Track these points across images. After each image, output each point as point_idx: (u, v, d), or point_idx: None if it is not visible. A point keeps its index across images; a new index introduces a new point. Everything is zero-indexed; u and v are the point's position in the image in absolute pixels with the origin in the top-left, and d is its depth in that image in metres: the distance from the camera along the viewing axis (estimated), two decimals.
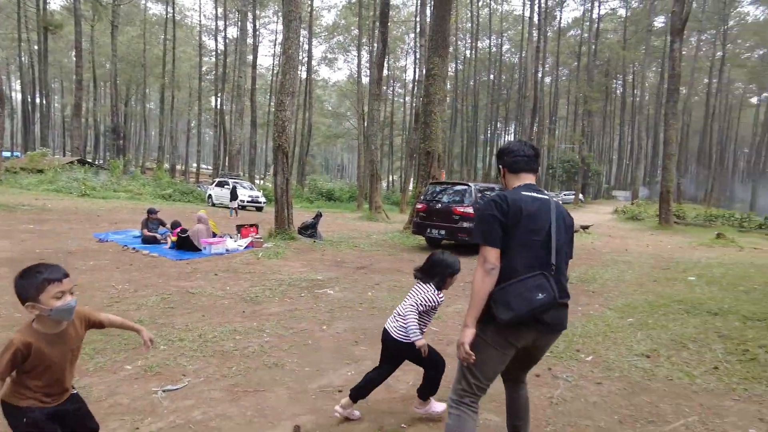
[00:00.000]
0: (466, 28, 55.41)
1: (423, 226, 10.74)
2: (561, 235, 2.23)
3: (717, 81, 54.83)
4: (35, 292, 1.90)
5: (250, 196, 23.96)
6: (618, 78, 62.46)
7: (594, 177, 56.25)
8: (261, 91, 58.56)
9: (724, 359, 4.29)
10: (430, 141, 13.74)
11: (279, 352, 4.11)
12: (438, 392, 3.17)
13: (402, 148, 56.29)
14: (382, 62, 23.42)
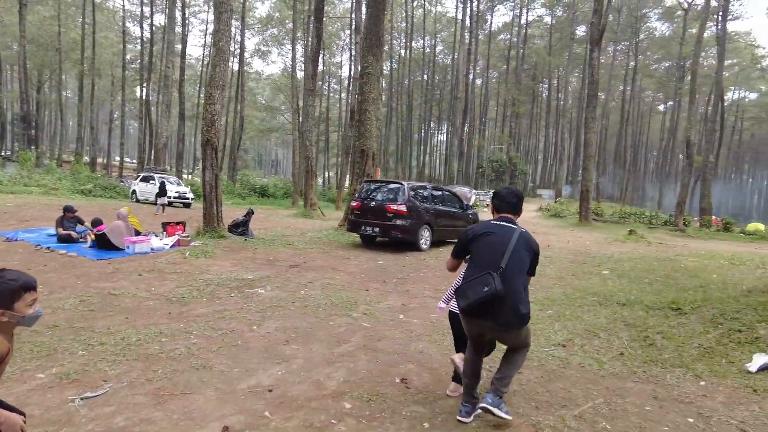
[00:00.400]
0: (401, 28, 56.08)
1: (358, 223, 10.82)
2: (519, 255, 2.95)
3: (630, 89, 59.28)
4: (10, 300, 1.87)
5: (178, 192, 22.96)
6: (544, 82, 65.78)
7: (520, 176, 58.86)
8: (190, 82, 56.12)
9: (628, 346, 4.71)
10: (365, 139, 13.83)
11: (207, 354, 4.03)
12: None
13: (338, 145, 56.14)
14: (316, 57, 23.19)
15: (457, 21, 51.96)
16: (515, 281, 2.89)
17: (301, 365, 3.92)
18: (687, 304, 5.70)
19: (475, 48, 49.88)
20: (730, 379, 3.96)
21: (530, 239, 3.05)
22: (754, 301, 5.34)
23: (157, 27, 43.41)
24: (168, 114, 31.20)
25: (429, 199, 11.34)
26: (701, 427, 3.15)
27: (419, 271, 8.44)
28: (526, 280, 3.05)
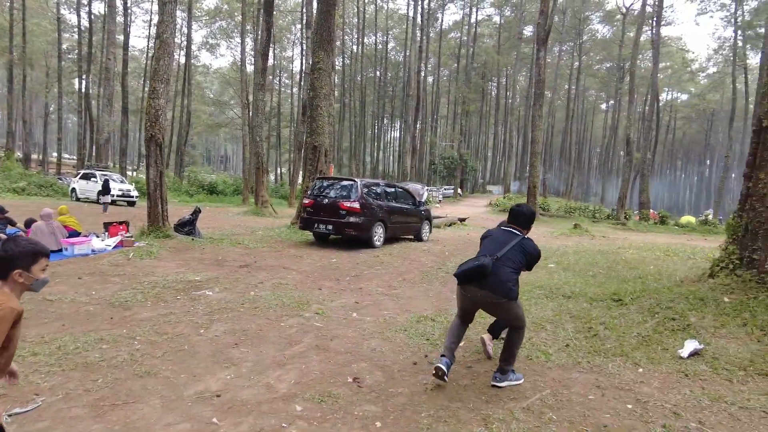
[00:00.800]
0: (353, 24, 55.83)
1: (310, 221, 10.69)
2: (513, 251, 3.71)
3: (575, 88, 61.67)
4: (29, 261, 1.98)
5: (122, 190, 21.97)
6: (493, 81, 67.29)
7: (471, 173, 60.09)
8: (134, 75, 53.70)
9: (573, 337, 4.89)
10: (317, 135, 13.68)
11: (151, 360, 3.86)
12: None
13: (290, 140, 55.33)
14: (266, 51, 22.73)
15: (408, 18, 52.29)
16: (505, 268, 3.63)
17: (251, 368, 3.83)
18: (627, 295, 5.98)
19: (426, 46, 50.34)
20: (665, 365, 4.18)
21: (528, 246, 3.80)
22: (686, 290, 5.67)
23: (96, 15, 41.16)
24: (110, 108, 29.69)
25: (382, 195, 11.35)
26: (639, 413, 3.31)
27: (373, 269, 8.44)
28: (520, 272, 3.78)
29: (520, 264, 3.72)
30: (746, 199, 5.63)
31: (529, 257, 3.77)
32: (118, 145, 38.80)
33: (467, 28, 58.72)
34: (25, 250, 2.00)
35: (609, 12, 56.55)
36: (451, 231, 17.19)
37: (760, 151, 5.48)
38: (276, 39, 51.10)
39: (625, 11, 46.92)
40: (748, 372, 4.02)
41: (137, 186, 24.52)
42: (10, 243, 2.01)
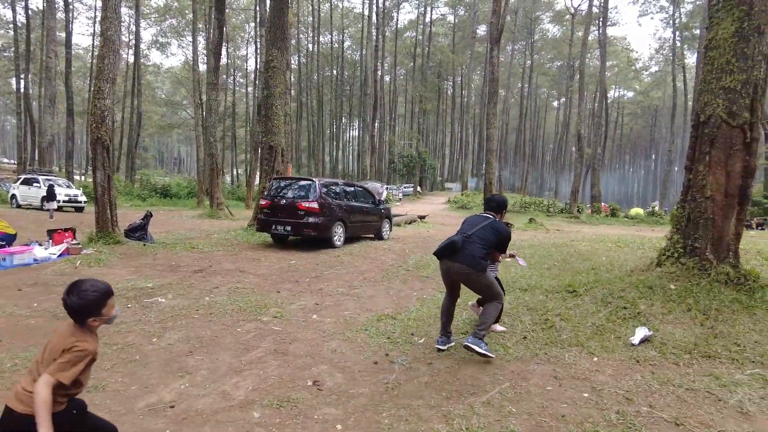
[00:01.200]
0: (308, 22, 55.27)
1: (268, 222, 10.49)
2: (483, 230, 4.28)
3: (528, 86, 63.26)
4: (97, 309, 2.07)
5: (68, 195, 20.90)
6: (449, 79, 68.18)
7: (430, 171, 60.62)
8: (79, 74, 51.27)
9: (531, 329, 4.98)
10: (273, 135, 13.43)
11: (99, 373, 3.66)
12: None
13: (246, 141, 54.23)
14: (219, 50, 22.16)
15: (364, 17, 52.18)
16: (475, 244, 4.18)
17: (206, 376, 3.70)
18: (581, 286, 6.15)
19: (382, 45, 50.44)
20: (618, 353, 4.32)
21: (498, 226, 4.35)
22: (636, 279, 5.89)
23: (34, 11, 39.01)
24: (53, 109, 28.20)
25: (341, 195, 11.27)
26: (594, 401, 3.40)
27: (333, 269, 8.36)
28: (495, 254, 4.41)
29: (490, 241, 4.24)
30: (687, 190, 5.90)
31: (499, 235, 4.31)
32: (64, 148, 36.91)
33: (422, 28, 59.26)
34: (94, 300, 2.06)
35: (558, 12, 58.32)
36: (412, 229, 17.28)
37: (698, 145, 5.75)
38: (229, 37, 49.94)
39: (574, 12, 48.51)
40: (693, 355, 4.21)
41: (85, 191, 23.42)
42: (76, 294, 2.04)
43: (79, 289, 2.04)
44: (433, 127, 70.34)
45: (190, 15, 37.32)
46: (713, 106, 5.56)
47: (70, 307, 2.04)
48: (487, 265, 4.29)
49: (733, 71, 5.42)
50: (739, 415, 3.22)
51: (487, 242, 4.23)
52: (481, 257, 4.15)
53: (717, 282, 5.37)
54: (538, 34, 62.50)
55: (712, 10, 5.76)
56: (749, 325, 4.68)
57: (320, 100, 57.34)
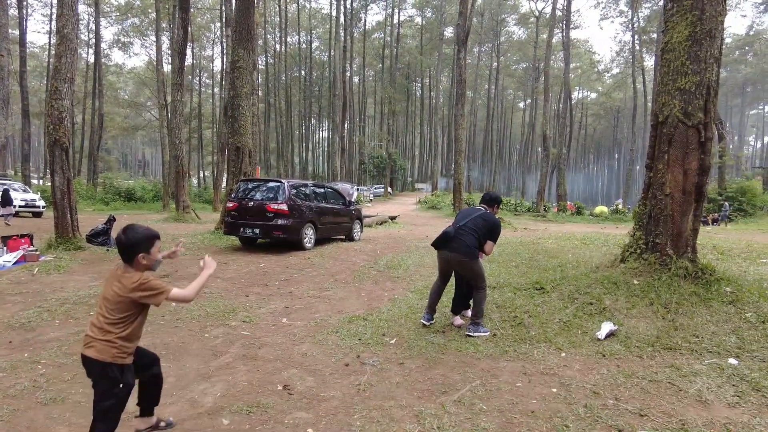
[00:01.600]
0: (275, 23, 54.70)
1: (236, 225, 10.30)
2: (474, 220, 4.83)
3: (495, 87, 64.23)
4: (149, 245, 2.38)
5: (25, 200, 20.07)
6: (417, 81, 68.60)
7: (400, 171, 60.90)
8: (35, 74, 49.38)
9: (500, 327, 5.05)
10: (240, 136, 13.23)
11: (59, 385, 3.53)
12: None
13: (213, 142, 53.24)
14: (184, 50, 21.67)
15: (332, 18, 52.00)
16: (466, 234, 4.75)
17: (173, 384, 3.61)
18: (548, 283, 6.27)
19: (350, 46, 50.37)
20: (585, 348, 4.42)
21: (487, 217, 4.87)
22: (601, 275, 6.04)
23: None
24: (6, 110, 26.93)
25: (311, 196, 11.19)
26: (563, 395, 3.47)
27: (303, 271, 8.29)
28: (488, 245, 4.82)
29: (480, 230, 4.76)
30: (648, 188, 6.09)
31: (488, 224, 4.82)
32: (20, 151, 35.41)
33: (390, 29, 59.43)
34: (144, 235, 2.40)
35: (523, 15, 59.43)
36: (383, 229, 17.30)
37: (657, 144, 5.94)
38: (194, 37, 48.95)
39: (538, 14, 49.56)
40: (656, 347, 4.35)
41: (43, 195, 22.52)
42: (130, 231, 2.39)
43: (132, 228, 2.42)
44: (402, 128, 70.64)
45: (153, 14, 36.32)
46: (670, 106, 5.76)
47: (124, 243, 2.38)
48: (478, 252, 4.78)
49: (687, 73, 5.62)
50: (699, 404, 3.34)
51: (478, 231, 4.77)
52: (473, 246, 4.73)
53: (677, 276, 5.55)
54: (504, 36, 63.57)
55: (667, 15, 5.96)
56: (707, 317, 4.87)
57: (289, 101, 56.82)
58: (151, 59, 46.17)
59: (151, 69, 46.24)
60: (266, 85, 54.47)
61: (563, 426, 3.01)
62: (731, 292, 5.35)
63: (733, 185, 28.50)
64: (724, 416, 3.17)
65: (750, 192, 27.45)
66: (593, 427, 3.02)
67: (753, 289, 5.51)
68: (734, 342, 4.39)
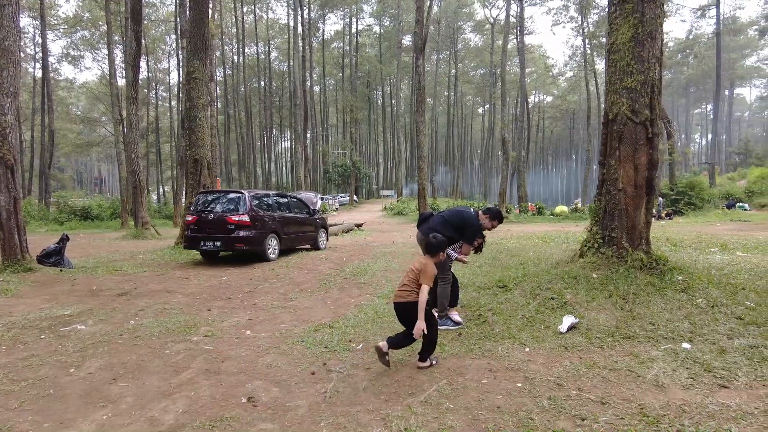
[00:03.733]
0: (232, 33, 54.08)
1: (196, 239, 10.06)
2: (452, 211, 5.37)
3: (454, 94, 65.29)
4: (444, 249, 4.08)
5: None
6: (378, 89, 69.02)
7: (365, 179, 60.98)
8: None
9: (465, 325, 5.10)
10: (197, 148, 12.96)
11: (4, 414, 3.33)
12: None
13: (172, 156, 51.98)
14: (137, 63, 21.12)
15: (289, 28, 51.79)
16: (439, 223, 5.08)
17: (132, 403, 3.47)
18: (511, 281, 6.38)
19: (310, 56, 50.27)
20: (547, 342, 4.51)
21: (466, 213, 5.21)
22: (561, 271, 6.19)
23: None
24: None
25: (274, 206, 11.05)
26: (527, 389, 3.52)
27: (268, 282, 8.15)
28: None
29: (451, 221, 5.09)
30: (602, 184, 6.29)
31: (462, 218, 5.13)
32: None
33: (349, 38, 59.67)
34: (444, 241, 4.14)
35: (479, 22, 60.70)
36: (349, 237, 17.25)
37: (609, 141, 6.16)
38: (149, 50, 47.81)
39: (493, 21, 50.75)
40: (615, 338, 4.48)
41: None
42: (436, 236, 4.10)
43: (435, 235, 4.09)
44: (365, 136, 70.82)
45: (104, 27, 35.30)
46: (619, 104, 5.99)
47: (430, 244, 4.02)
48: (443, 241, 4.53)
49: (632, 72, 5.86)
50: (656, 389, 3.45)
51: (450, 222, 5.08)
52: (438, 230, 4.80)
53: (633, 268, 5.75)
54: (461, 43, 64.77)
55: (611, 17, 6.21)
56: (661, 306, 5.05)
57: (249, 111, 56.12)
58: (104, 73, 44.78)
59: (105, 83, 44.78)
60: (225, 96, 53.71)
61: (529, 419, 3.05)
62: (683, 280, 5.58)
63: (683, 180, 29.79)
64: (680, 398, 3.29)
65: (698, 186, 28.74)
66: (558, 418, 3.07)
67: (702, 276, 5.76)
68: (687, 327, 4.57)
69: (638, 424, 2.94)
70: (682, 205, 27.51)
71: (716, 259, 7.48)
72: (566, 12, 47.59)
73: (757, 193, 29.44)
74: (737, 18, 56.32)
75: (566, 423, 3.00)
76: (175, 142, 42.62)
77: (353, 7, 57.20)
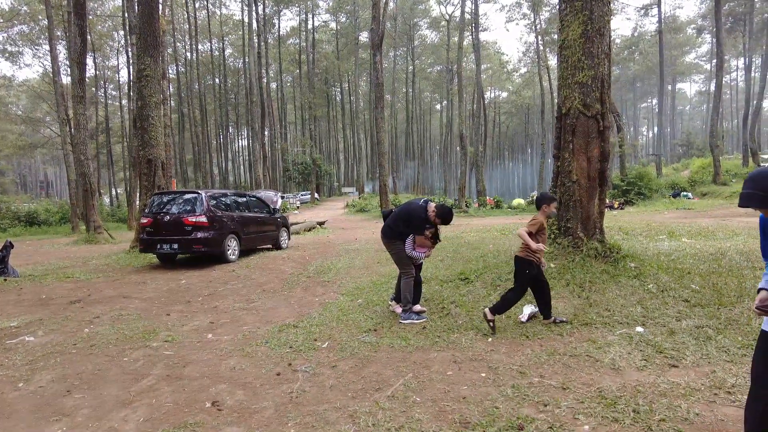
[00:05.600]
0: (184, 30, 52.46)
1: (152, 242, 9.72)
2: (404, 205, 5.42)
3: (412, 90, 65.66)
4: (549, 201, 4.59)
5: None
6: (336, 86, 68.60)
7: (326, 177, 60.52)
8: None
9: (429, 319, 5.15)
10: (151, 147, 12.53)
11: None
12: None
13: (124, 157, 50.03)
14: (83, 60, 20.18)
15: (244, 24, 50.68)
16: (392, 218, 5.31)
17: (89, 415, 3.33)
18: (472, 273, 6.50)
19: (266, 52, 49.40)
20: (509, 331, 4.62)
21: (412, 204, 5.27)
22: None
23: None
24: None
25: (232, 206, 10.82)
26: (492, 379, 3.60)
27: (228, 284, 7.99)
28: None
29: (401, 214, 5.24)
30: (557, 177, 6.49)
31: (405, 210, 5.26)
32: None
33: (305, 34, 58.95)
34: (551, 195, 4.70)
35: (435, 19, 61.20)
36: (312, 235, 17.11)
37: (563, 135, 6.36)
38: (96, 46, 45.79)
39: (448, 18, 51.28)
40: (574, 324, 4.64)
41: None
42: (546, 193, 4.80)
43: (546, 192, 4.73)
44: (325, 133, 70.32)
45: (45, 21, 33.50)
46: (571, 99, 6.19)
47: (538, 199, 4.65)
48: (398, 234, 5.16)
49: (583, 68, 6.07)
50: (613, 372, 3.60)
51: (400, 216, 5.24)
52: (393, 227, 5.19)
53: (588, 257, 5.97)
54: (418, 39, 65.17)
55: (562, 14, 6.40)
56: (616, 292, 5.26)
57: (204, 109, 54.67)
58: (47, 70, 42.58)
59: (48, 81, 42.54)
60: (179, 94, 52.10)
61: (494, 408, 3.12)
62: (635, 267, 5.83)
63: (633, 172, 31.06)
64: (635, 379, 3.44)
65: (646, 177, 30.05)
66: (521, 405, 3.15)
67: (653, 263, 6.03)
68: (640, 312, 4.78)
69: (597, 407, 3.06)
70: (632, 196, 28.68)
71: (664, 246, 7.84)
72: (519, 9, 48.69)
73: (699, 183, 31.04)
74: (677, 17, 59.04)
75: (530, 410, 3.08)
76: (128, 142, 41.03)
77: (309, 3, 56.53)
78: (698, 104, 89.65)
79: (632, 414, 2.95)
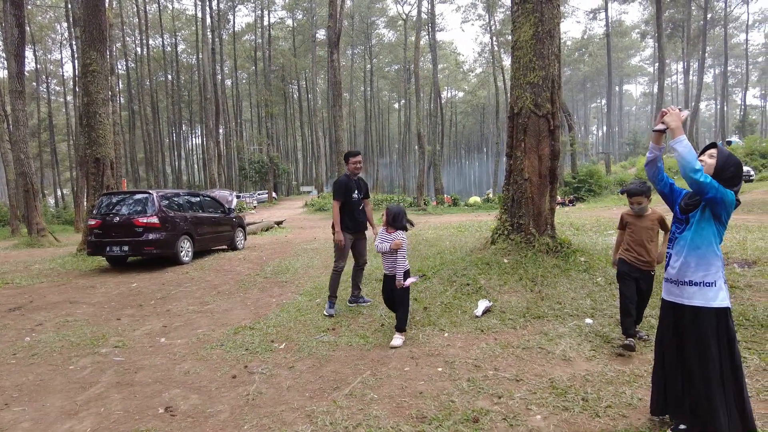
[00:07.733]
0: (134, 24, 50.53)
1: (100, 244, 9.32)
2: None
3: (370, 89, 65.77)
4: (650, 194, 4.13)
5: None
6: (293, 83, 67.78)
7: (284, 175, 59.73)
8: None
9: (387, 316, 5.19)
10: (99, 146, 12.01)
11: None
12: None
13: (70, 156, 47.72)
14: (21, 52, 19.09)
15: (197, 19, 49.28)
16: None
17: (30, 429, 3.16)
18: (429, 269, 6.58)
19: (220, 48, 48.29)
20: (465, 326, 4.72)
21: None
22: (474, 258, 6.48)
23: None
24: None
25: (185, 206, 10.52)
26: (448, 373, 3.66)
27: (182, 287, 7.76)
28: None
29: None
30: (510, 174, 6.66)
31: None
32: None
33: (261, 31, 57.93)
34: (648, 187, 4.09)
35: (392, 18, 61.47)
36: (269, 235, 16.86)
37: (515, 134, 6.53)
38: (36, 39, 43.54)
39: (405, 17, 51.62)
40: (527, 318, 4.78)
41: None
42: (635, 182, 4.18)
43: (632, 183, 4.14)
44: (282, 131, 69.42)
45: None
46: (523, 99, 6.36)
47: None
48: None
49: (534, 68, 6.25)
50: (564, 362, 3.74)
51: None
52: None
53: (540, 252, 6.15)
54: (375, 38, 65.30)
55: (514, 15, 6.57)
56: (567, 285, 5.46)
57: (155, 107, 52.84)
58: None
59: None
60: (128, 90, 50.21)
61: (450, 402, 3.18)
62: (585, 261, 6.06)
63: (584, 169, 32.25)
64: (584, 369, 3.59)
65: (596, 175, 31.27)
66: (476, 398, 3.23)
67: (601, 256, 6.29)
68: (589, 304, 4.98)
69: (549, 397, 3.17)
70: (583, 193, 29.79)
71: (612, 240, 8.19)
72: (474, 10, 49.55)
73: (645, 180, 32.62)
74: (623, 22, 61.65)
75: (484, 402, 3.16)
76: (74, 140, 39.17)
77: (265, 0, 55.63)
78: (643, 105, 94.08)
79: (581, 402, 3.08)
